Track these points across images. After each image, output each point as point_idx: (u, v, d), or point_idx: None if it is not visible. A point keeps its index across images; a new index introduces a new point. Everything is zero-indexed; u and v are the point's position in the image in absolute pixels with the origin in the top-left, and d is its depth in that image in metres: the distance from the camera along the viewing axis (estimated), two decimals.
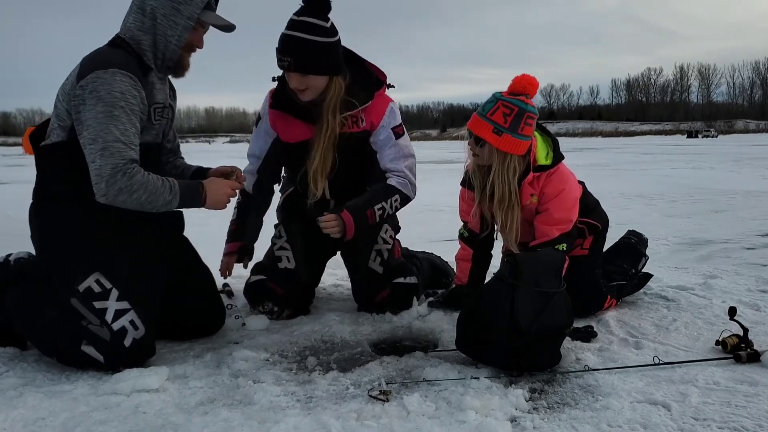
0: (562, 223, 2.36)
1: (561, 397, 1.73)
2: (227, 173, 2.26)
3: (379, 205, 2.39)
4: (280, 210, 2.75)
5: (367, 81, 2.46)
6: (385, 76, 2.52)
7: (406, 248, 2.89)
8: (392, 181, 2.46)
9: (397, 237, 2.69)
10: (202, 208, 2.12)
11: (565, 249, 2.33)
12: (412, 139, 2.63)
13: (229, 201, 2.18)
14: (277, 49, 2.28)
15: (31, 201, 2.13)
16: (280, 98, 2.46)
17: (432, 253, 3.12)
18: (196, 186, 2.09)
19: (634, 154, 20.93)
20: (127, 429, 1.56)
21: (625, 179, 10.28)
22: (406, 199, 2.50)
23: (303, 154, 2.45)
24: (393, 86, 2.54)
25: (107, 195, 1.91)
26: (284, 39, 2.27)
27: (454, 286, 2.71)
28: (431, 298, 2.67)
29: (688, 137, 64.52)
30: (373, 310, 2.54)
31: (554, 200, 2.37)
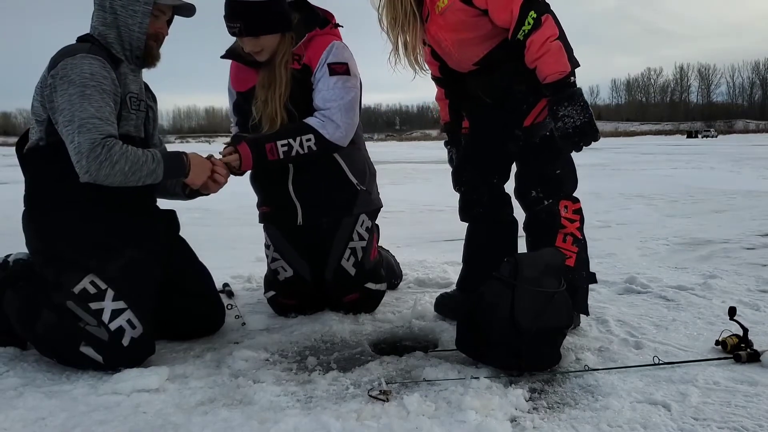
0: None
1: (561, 397, 1.73)
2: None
3: (284, 141, 2.23)
4: (260, 221, 2.66)
5: (312, 20, 2.36)
6: (332, 17, 2.41)
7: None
8: (310, 119, 2.28)
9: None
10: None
11: (535, 17, 1.97)
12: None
13: (205, 178, 2.14)
14: (225, 17, 2.22)
15: (23, 208, 2.13)
16: (231, 49, 2.41)
17: (388, 251, 3.09)
18: (178, 154, 2.09)
19: (634, 154, 20.93)
20: (126, 429, 1.56)
21: (625, 179, 10.28)
22: (322, 141, 2.26)
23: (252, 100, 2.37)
24: (341, 26, 2.44)
25: (89, 171, 1.89)
26: (230, 5, 2.21)
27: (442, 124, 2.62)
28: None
29: (688, 137, 64.50)
30: (340, 309, 2.53)
31: None
